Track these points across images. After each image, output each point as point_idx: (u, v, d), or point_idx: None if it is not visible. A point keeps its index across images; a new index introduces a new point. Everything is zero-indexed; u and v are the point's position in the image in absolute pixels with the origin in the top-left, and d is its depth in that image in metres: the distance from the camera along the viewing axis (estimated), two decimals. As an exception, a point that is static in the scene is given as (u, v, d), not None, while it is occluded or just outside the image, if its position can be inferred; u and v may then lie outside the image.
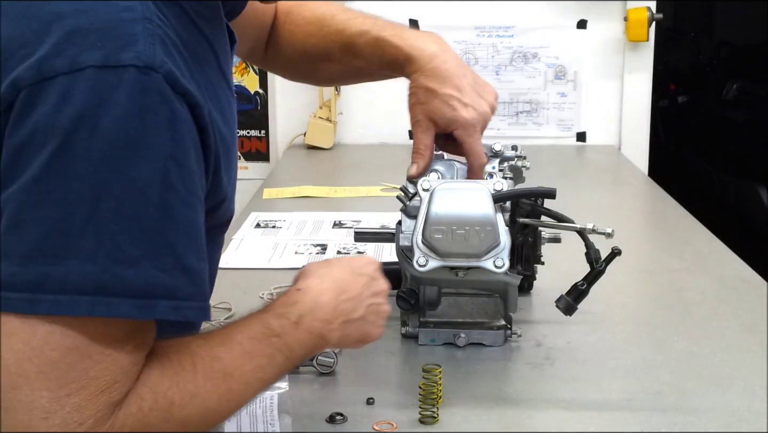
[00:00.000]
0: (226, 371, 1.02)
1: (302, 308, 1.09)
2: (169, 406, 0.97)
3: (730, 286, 1.68)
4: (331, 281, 1.13)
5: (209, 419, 1.02)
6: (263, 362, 1.05)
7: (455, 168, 1.39)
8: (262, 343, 1.06)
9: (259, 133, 3.08)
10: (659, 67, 3.13)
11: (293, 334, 1.07)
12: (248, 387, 1.05)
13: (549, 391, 1.26)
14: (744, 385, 1.27)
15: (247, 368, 1.04)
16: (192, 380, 0.99)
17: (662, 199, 2.36)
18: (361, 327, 1.14)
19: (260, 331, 1.06)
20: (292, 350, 1.07)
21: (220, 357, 1.03)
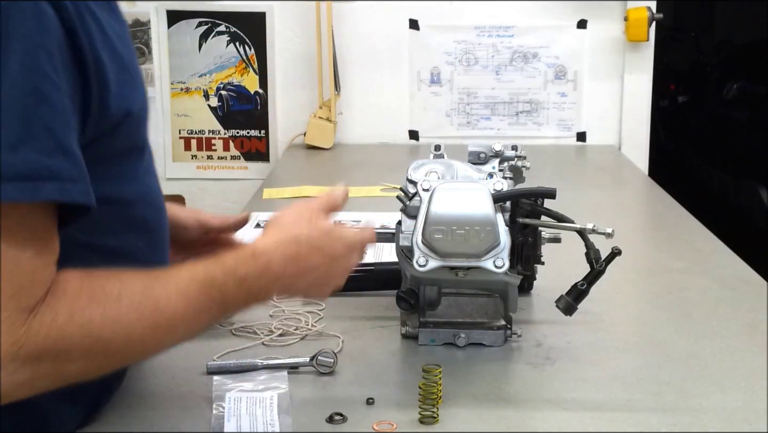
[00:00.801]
0: (156, 306, 1.04)
1: (250, 272, 1.12)
2: (88, 323, 0.99)
3: (730, 286, 1.68)
4: (290, 252, 1.16)
5: (134, 349, 1.04)
6: (198, 308, 1.08)
7: (455, 168, 1.38)
8: (201, 292, 1.08)
9: (259, 133, 3.08)
10: (659, 67, 3.14)
11: (234, 291, 1.10)
12: (177, 328, 1.07)
13: (549, 391, 1.26)
14: (744, 385, 1.27)
15: (180, 309, 1.06)
16: (116, 306, 1.01)
17: (662, 199, 2.36)
18: (301, 290, 1.21)
19: (203, 279, 1.09)
20: (228, 307, 1.11)
21: (152, 290, 1.05)
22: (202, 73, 3.05)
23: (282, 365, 1.30)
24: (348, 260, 1.22)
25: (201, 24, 3.02)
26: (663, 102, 5.52)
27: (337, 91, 2.98)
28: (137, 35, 3.02)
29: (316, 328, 1.45)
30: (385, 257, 1.80)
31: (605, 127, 3.06)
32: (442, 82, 3.04)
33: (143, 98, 1.16)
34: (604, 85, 3.04)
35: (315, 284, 1.20)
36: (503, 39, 3.01)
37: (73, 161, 0.97)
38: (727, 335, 1.44)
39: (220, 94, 3.05)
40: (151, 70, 3.04)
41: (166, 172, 3.10)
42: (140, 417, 1.18)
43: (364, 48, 3.02)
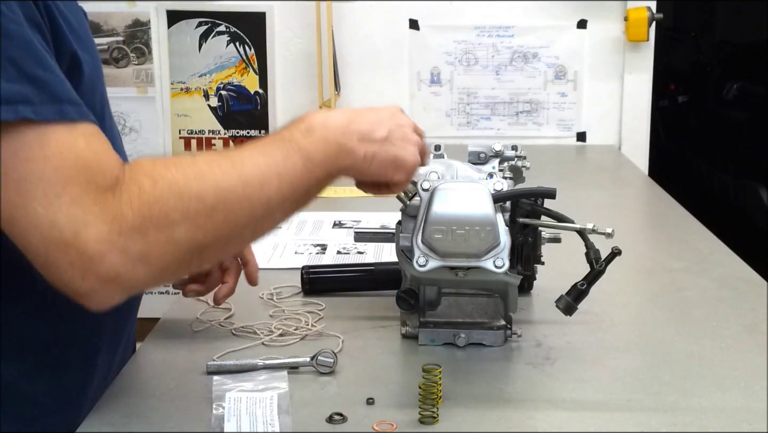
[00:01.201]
0: (234, 162, 1.07)
1: (311, 122, 1.13)
2: (173, 184, 1.02)
3: (730, 286, 1.68)
4: (343, 112, 1.18)
5: (233, 203, 1.05)
6: (278, 158, 1.09)
7: (455, 168, 1.38)
8: (273, 144, 1.10)
9: (259, 133, 3.08)
10: (659, 67, 3.13)
11: (306, 140, 1.11)
12: (267, 178, 1.07)
13: (549, 391, 1.26)
14: (744, 385, 1.27)
15: (261, 160, 1.08)
16: (194, 167, 1.05)
17: (662, 199, 2.36)
18: (389, 149, 1.18)
19: (270, 140, 1.11)
20: (309, 154, 1.10)
21: (225, 154, 1.09)
22: (202, 73, 3.05)
23: (282, 365, 1.30)
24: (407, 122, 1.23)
25: (201, 24, 3.02)
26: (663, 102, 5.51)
27: (337, 91, 2.98)
28: (137, 35, 3.02)
29: (316, 328, 1.45)
30: (385, 257, 1.80)
31: (605, 127, 3.06)
32: (442, 82, 3.04)
33: (94, 66, 1.18)
34: (604, 85, 3.04)
35: (393, 138, 1.18)
36: (503, 39, 3.01)
37: (40, 87, 1.00)
38: (727, 335, 1.44)
39: (220, 94, 3.05)
40: (151, 70, 3.03)
41: (166, 172, 3.10)
42: (140, 417, 1.18)
43: (364, 48, 3.02)
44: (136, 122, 3.05)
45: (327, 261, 1.81)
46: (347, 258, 1.83)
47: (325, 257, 1.83)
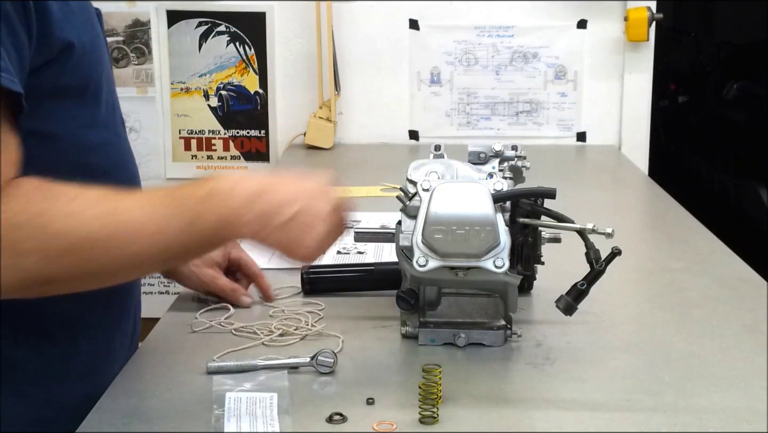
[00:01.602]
0: (115, 208, 1.06)
1: (214, 189, 1.10)
2: (40, 215, 1.02)
3: (730, 286, 1.68)
4: (260, 180, 1.14)
5: (94, 250, 1.05)
6: (163, 215, 1.07)
7: (455, 168, 1.38)
8: (162, 201, 1.08)
9: (259, 133, 3.08)
10: (659, 67, 3.13)
11: (197, 207, 1.09)
12: (137, 233, 1.07)
13: (549, 391, 1.26)
14: (744, 385, 1.27)
15: (142, 216, 1.07)
16: (71, 203, 1.04)
17: (662, 199, 2.36)
18: (287, 233, 1.14)
19: (164, 193, 1.10)
20: (192, 222, 1.08)
21: (111, 196, 1.07)
22: (202, 73, 3.05)
23: (282, 365, 1.30)
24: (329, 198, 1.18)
25: (201, 24, 3.02)
26: (663, 102, 5.52)
27: (337, 91, 2.98)
28: (137, 35, 3.02)
29: (316, 328, 1.45)
30: (385, 257, 1.80)
31: (605, 127, 3.06)
32: (442, 82, 3.04)
33: (93, 44, 1.19)
34: (604, 85, 3.04)
35: (295, 223, 1.14)
36: (503, 39, 3.01)
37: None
38: (727, 335, 1.44)
39: (220, 94, 3.05)
40: (151, 70, 3.03)
41: (166, 172, 3.10)
42: (140, 417, 1.18)
43: (364, 48, 3.02)
44: (136, 122, 3.05)
45: (327, 261, 1.81)
46: (347, 258, 1.83)
47: (325, 257, 1.83)
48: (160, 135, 3.07)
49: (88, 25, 1.20)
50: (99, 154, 1.24)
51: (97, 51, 1.22)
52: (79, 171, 1.17)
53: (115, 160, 1.28)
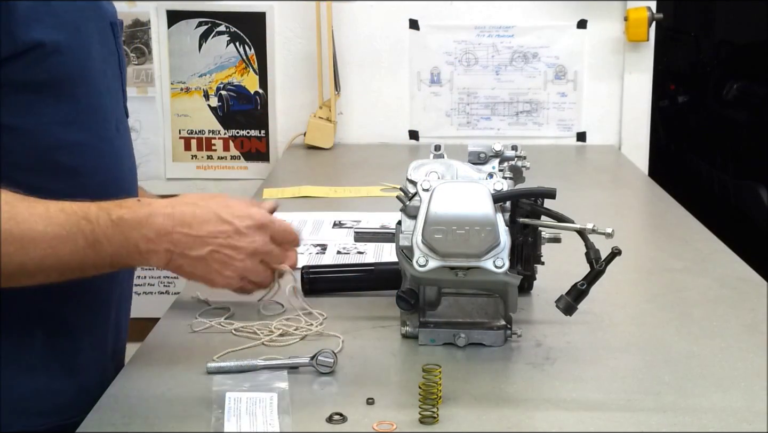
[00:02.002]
0: (12, 216, 1.05)
1: (128, 214, 1.11)
2: None
3: (730, 286, 1.68)
4: (183, 212, 1.14)
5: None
6: (60, 232, 1.07)
7: (455, 168, 1.38)
8: (68, 217, 1.08)
9: (259, 133, 3.08)
10: (659, 67, 3.13)
11: (106, 229, 1.09)
12: (34, 244, 1.07)
13: (549, 391, 1.26)
14: (744, 385, 1.27)
15: (39, 227, 1.06)
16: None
17: (662, 199, 2.36)
18: (198, 267, 1.15)
19: (74, 209, 1.09)
20: (98, 242, 1.09)
21: (13, 205, 1.06)
22: (202, 73, 3.05)
23: (282, 365, 1.30)
24: (251, 240, 1.18)
25: (201, 24, 3.02)
26: (663, 102, 5.51)
27: (337, 91, 2.98)
28: (137, 35, 3.02)
29: (316, 328, 1.45)
30: (385, 257, 1.80)
31: (605, 127, 3.06)
32: (442, 82, 3.04)
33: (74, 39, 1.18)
34: (604, 85, 3.04)
35: (211, 259, 1.15)
36: (503, 39, 3.01)
37: None
38: (727, 335, 1.44)
39: (220, 94, 3.05)
40: (151, 70, 3.04)
41: (166, 173, 3.10)
42: (140, 417, 1.18)
43: (364, 48, 3.02)
44: (136, 122, 3.05)
45: (327, 261, 1.81)
46: (347, 258, 1.83)
47: (325, 257, 1.84)
48: (160, 135, 3.07)
49: (73, 26, 1.19)
50: (71, 154, 1.22)
51: (79, 51, 1.20)
52: (46, 169, 1.17)
53: (91, 161, 1.26)
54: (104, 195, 1.26)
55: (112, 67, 1.34)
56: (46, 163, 1.18)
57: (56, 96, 1.19)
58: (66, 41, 1.17)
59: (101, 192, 1.26)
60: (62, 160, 1.21)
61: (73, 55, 1.19)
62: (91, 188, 1.23)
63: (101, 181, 1.28)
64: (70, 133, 1.21)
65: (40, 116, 1.17)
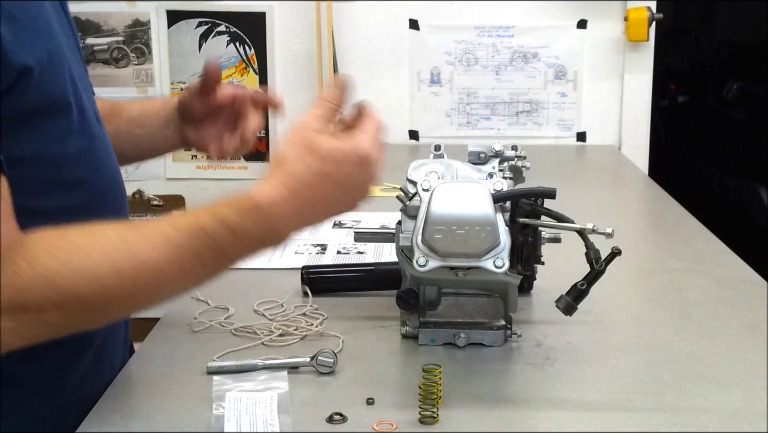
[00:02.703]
0: (134, 257, 1.02)
1: (251, 226, 1.06)
2: (53, 275, 0.99)
3: (730, 286, 1.68)
4: (295, 203, 1.08)
5: (116, 302, 1.03)
6: (188, 257, 1.04)
7: (455, 168, 1.38)
8: (189, 236, 1.04)
9: (259, 133, 3.07)
10: (659, 67, 3.13)
11: (233, 244, 1.05)
12: (165, 280, 1.04)
13: (549, 391, 1.26)
14: (744, 385, 1.27)
15: (165, 259, 1.03)
16: (84, 260, 1.00)
17: (662, 199, 2.36)
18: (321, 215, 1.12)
19: (189, 225, 1.04)
20: (228, 257, 1.06)
21: (129, 243, 1.02)
22: (202, 74, 3.04)
23: (282, 365, 1.30)
24: (366, 173, 1.16)
25: (201, 24, 3.02)
26: (663, 102, 5.52)
27: (337, 91, 2.97)
28: (137, 35, 3.02)
29: (316, 328, 1.45)
30: (385, 257, 1.80)
31: (605, 127, 3.06)
32: (442, 82, 3.04)
33: (52, 56, 1.13)
34: (604, 85, 3.04)
35: (333, 210, 1.13)
36: (503, 39, 3.01)
37: None
38: (727, 335, 1.44)
39: (220, 94, 3.05)
40: (151, 70, 3.04)
41: (166, 173, 3.10)
42: (140, 417, 1.18)
43: (364, 48, 3.02)
44: (136, 122, 3.05)
45: (327, 261, 1.81)
46: (347, 258, 1.83)
47: (325, 257, 1.84)
48: (160, 135, 3.07)
49: (45, 35, 1.14)
50: (74, 166, 1.19)
51: (57, 57, 1.15)
52: (54, 188, 1.15)
53: (92, 166, 1.23)
54: (111, 189, 1.26)
55: (73, 51, 1.26)
56: (53, 183, 1.16)
57: (52, 114, 1.15)
58: (47, 53, 1.12)
59: (107, 190, 1.25)
60: (67, 174, 1.18)
61: (57, 69, 1.15)
62: (98, 190, 1.22)
63: (105, 183, 1.26)
64: (68, 146, 1.18)
65: (39, 139, 1.13)
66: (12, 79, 1.06)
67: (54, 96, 1.14)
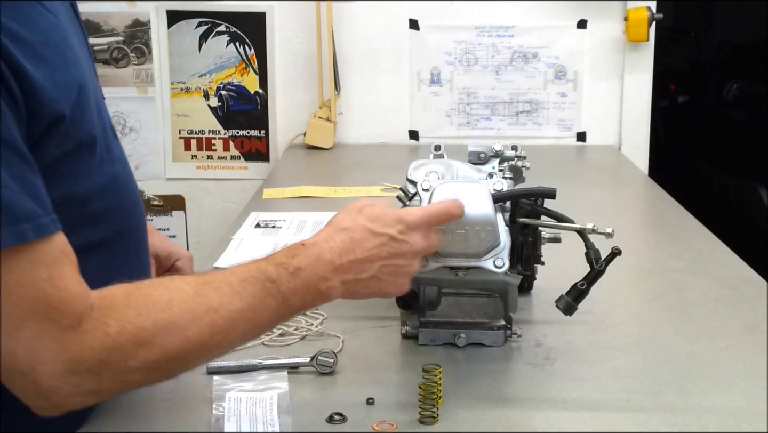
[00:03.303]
0: (210, 307, 1.06)
1: (302, 261, 1.12)
2: (140, 331, 1.01)
3: (730, 286, 1.68)
4: (342, 240, 1.15)
5: (194, 352, 1.06)
6: (255, 304, 1.08)
7: (455, 168, 1.38)
8: (254, 285, 1.09)
9: (259, 133, 3.08)
10: (659, 67, 3.13)
11: (288, 282, 1.10)
12: (237, 327, 1.08)
13: (549, 391, 1.26)
14: (744, 385, 1.27)
15: (236, 308, 1.07)
16: (167, 312, 1.03)
17: (662, 199, 2.36)
18: (372, 285, 1.17)
19: (253, 274, 1.10)
20: (287, 298, 1.10)
21: (203, 293, 1.06)
22: (202, 73, 3.05)
23: (282, 365, 1.30)
24: (411, 243, 1.18)
25: (201, 24, 3.02)
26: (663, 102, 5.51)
27: (337, 91, 2.98)
28: (137, 35, 3.02)
29: (316, 328, 1.45)
30: (385, 257, 1.80)
31: (605, 127, 3.06)
32: (442, 82, 3.03)
33: (80, 91, 1.13)
34: (604, 85, 3.04)
35: (381, 274, 1.17)
36: (503, 39, 3.01)
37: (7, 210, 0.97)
38: (727, 335, 1.44)
39: (220, 94, 3.05)
40: (151, 70, 3.03)
41: (166, 173, 3.10)
42: (140, 417, 1.18)
43: (364, 48, 3.02)
44: (136, 122, 3.05)
45: (327, 261, 1.81)
46: (347, 258, 1.83)
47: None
48: (160, 135, 3.07)
49: (72, 66, 1.13)
50: (98, 201, 1.19)
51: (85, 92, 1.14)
52: (85, 223, 1.15)
53: (114, 196, 1.22)
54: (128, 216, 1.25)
55: (88, 61, 1.25)
56: (82, 219, 1.15)
57: (78, 153, 1.15)
58: (77, 92, 1.12)
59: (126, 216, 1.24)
60: (93, 209, 1.18)
61: (85, 105, 1.14)
62: (119, 219, 1.22)
63: (128, 206, 1.26)
64: (95, 179, 1.17)
65: (67, 180, 1.13)
66: (45, 127, 1.05)
67: (82, 136, 1.14)
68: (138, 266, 1.29)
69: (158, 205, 3.09)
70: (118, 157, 1.26)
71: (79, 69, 1.16)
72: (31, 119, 1.03)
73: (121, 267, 1.21)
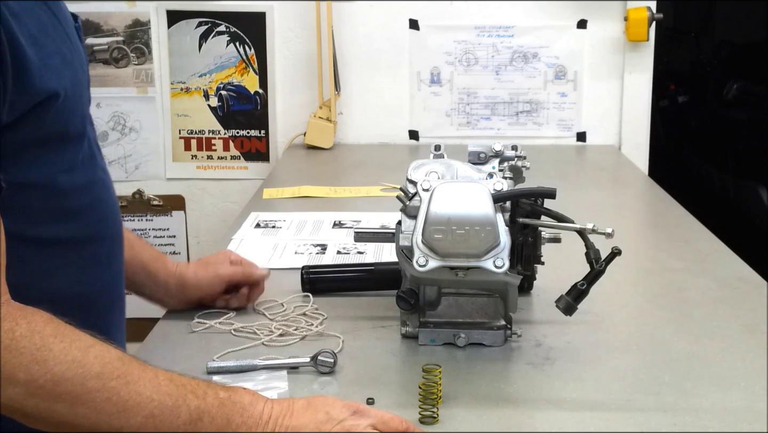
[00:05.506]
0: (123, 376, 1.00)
1: (236, 397, 1.06)
2: (42, 348, 0.96)
3: (730, 286, 1.68)
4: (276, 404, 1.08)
5: (84, 406, 0.98)
6: (167, 401, 1.02)
7: (455, 168, 1.38)
8: (178, 389, 1.03)
9: (259, 133, 3.08)
10: (659, 67, 3.13)
11: (212, 408, 1.04)
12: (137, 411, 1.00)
13: (549, 391, 1.26)
14: (744, 385, 1.27)
15: (146, 392, 1.01)
16: (83, 352, 0.98)
17: (662, 199, 2.36)
18: None
19: (184, 382, 1.04)
20: (201, 420, 1.03)
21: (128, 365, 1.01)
22: (202, 73, 3.05)
23: (282, 365, 1.30)
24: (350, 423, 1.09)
25: (201, 24, 3.02)
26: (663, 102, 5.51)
27: (337, 91, 2.98)
28: (137, 35, 3.02)
29: (316, 328, 1.45)
30: (385, 257, 1.80)
31: (605, 127, 3.06)
32: (442, 82, 3.03)
33: (74, 86, 1.14)
34: (604, 85, 3.04)
35: None
36: (503, 39, 3.01)
37: None
38: (727, 335, 1.44)
39: (220, 94, 3.05)
40: (151, 70, 3.03)
41: (166, 173, 3.10)
42: (140, 417, 1.17)
43: (364, 48, 3.02)
44: (136, 122, 3.05)
45: (327, 261, 1.81)
46: (347, 258, 1.83)
47: (325, 257, 1.84)
48: (160, 135, 3.07)
49: (69, 63, 1.15)
50: (75, 198, 1.19)
51: (79, 88, 1.16)
52: (56, 217, 1.15)
53: (92, 198, 1.22)
54: (103, 223, 1.24)
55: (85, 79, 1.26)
56: (56, 212, 1.15)
57: (66, 143, 1.15)
58: (71, 83, 1.13)
59: (100, 222, 1.24)
60: (69, 204, 1.18)
61: (78, 99, 1.15)
62: (93, 223, 1.22)
63: (106, 211, 1.26)
64: (74, 177, 1.18)
65: (50, 167, 1.13)
66: (35, 103, 1.06)
67: (71, 125, 1.14)
68: (109, 275, 1.26)
69: (158, 205, 3.09)
70: (100, 166, 1.26)
71: (74, 69, 1.17)
72: (20, 92, 1.03)
73: (88, 271, 1.20)
